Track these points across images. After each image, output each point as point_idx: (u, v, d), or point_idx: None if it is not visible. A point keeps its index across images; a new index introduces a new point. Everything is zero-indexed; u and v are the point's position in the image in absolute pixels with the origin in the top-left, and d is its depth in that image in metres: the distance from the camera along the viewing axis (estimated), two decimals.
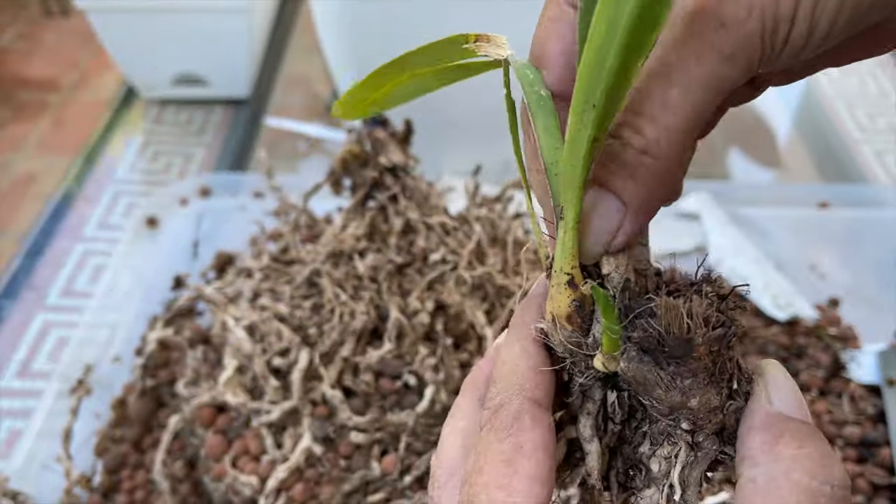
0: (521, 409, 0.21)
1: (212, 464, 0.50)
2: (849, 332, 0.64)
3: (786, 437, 0.18)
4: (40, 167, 1.05)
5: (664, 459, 0.21)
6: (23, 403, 0.67)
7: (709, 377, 0.19)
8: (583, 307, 0.21)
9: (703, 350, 0.19)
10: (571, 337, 0.21)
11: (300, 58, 1.12)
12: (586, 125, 0.18)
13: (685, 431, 0.20)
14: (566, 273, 0.21)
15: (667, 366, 0.19)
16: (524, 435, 0.21)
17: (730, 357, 0.20)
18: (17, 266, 0.79)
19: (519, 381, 0.22)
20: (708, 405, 0.19)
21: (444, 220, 0.55)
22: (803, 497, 0.17)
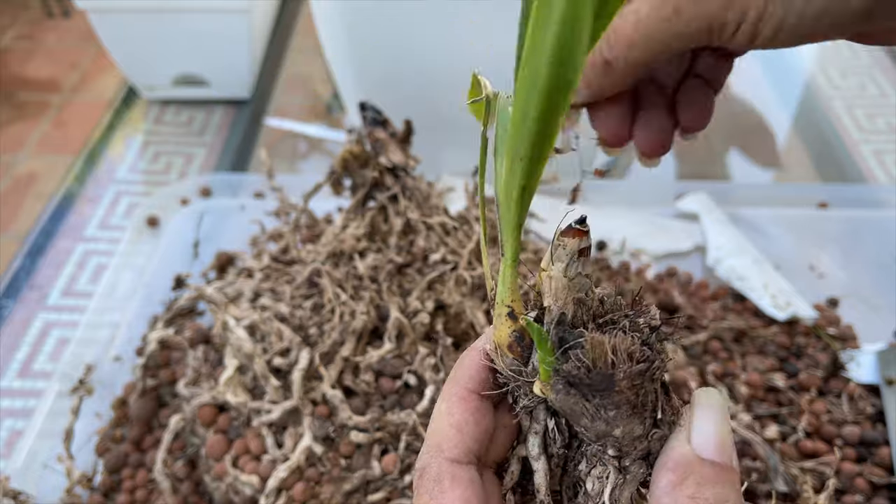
0: (440, 471, 0.22)
1: (212, 463, 0.50)
2: (848, 332, 0.64)
3: (688, 481, 0.19)
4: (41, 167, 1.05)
5: (597, 479, 0.22)
6: (24, 403, 0.67)
7: (631, 409, 0.20)
8: (522, 338, 0.22)
9: (625, 384, 0.20)
10: (512, 364, 0.23)
11: (301, 58, 1.12)
12: (516, 175, 0.20)
13: (612, 457, 0.21)
14: (507, 305, 0.23)
15: (592, 398, 0.20)
16: (444, 497, 0.22)
17: (654, 389, 0.21)
18: (18, 266, 0.79)
19: (437, 442, 0.23)
20: (631, 434, 0.21)
21: (444, 220, 0.56)
22: None
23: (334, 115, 1.03)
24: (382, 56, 0.75)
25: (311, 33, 0.92)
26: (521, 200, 0.20)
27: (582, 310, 0.22)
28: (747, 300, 0.67)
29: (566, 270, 0.22)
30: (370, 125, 0.55)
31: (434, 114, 0.77)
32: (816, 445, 0.54)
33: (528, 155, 0.19)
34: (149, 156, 0.97)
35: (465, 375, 0.24)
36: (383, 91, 0.74)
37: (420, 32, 0.71)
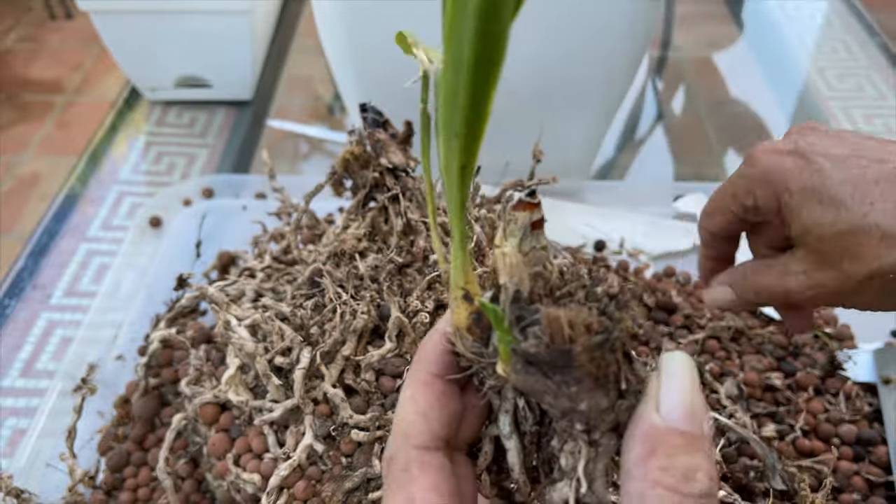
0: (408, 458, 0.22)
1: (214, 462, 0.50)
2: (845, 331, 0.64)
3: (658, 452, 0.19)
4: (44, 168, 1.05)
5: (570, 454, 0.21)
6: (27, 402, 0.68)
7: (594, 382, 0.19)
8: (480, 319, 0.22)
9: (585, 358, 0.19)
10: (473, 347, 0.22)
11: (302, 60, 1.13)
12: (454, 154, 0.19)
13: (581, 431, 0.21)
14: (461, 288, 0.22)
15: (552, 375, 0.20)
16: (414, 485, 0.21)
17: (616, 359, 0.20)
18: (21, 265, 0.80)
19: (404, 430, 0.22)
20: (598, 407, 0.20)
21: (445, 220, 0.56)
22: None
23: (335, 117, 1.03)
24: (382, 56, 0.75)
25: (312, 34, 0.93)
26: (461, 179, 0.20)
27: (539, 284, 0.21)
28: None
29: (520, 245, 0.21)
30: (371, 126, 0.55)
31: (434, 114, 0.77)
32: (814, 444, 0.55)
33: (462, 132, 0.18)
34: (151, 157, 0.97)
35: (427, 359, 0.23)
36: (383, 92, 0.74)
37: (420, 33, 0.71)
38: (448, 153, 0.19)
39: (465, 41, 0.16)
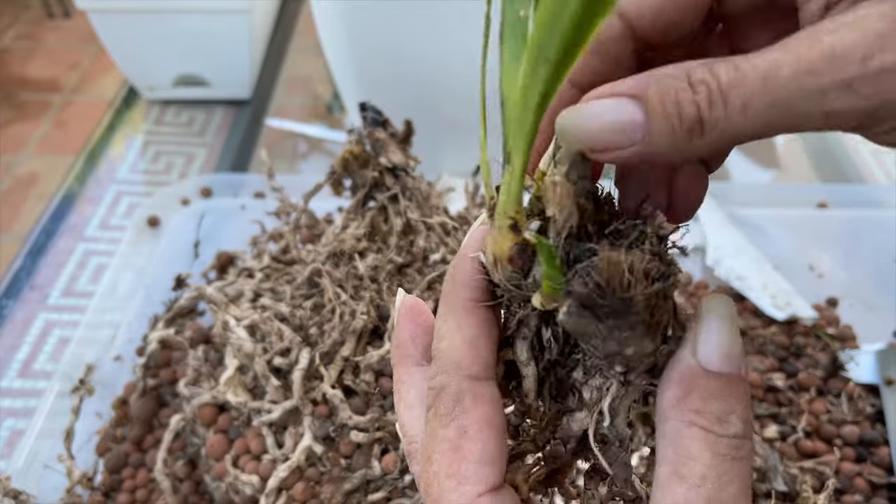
0: (461, 389, 0.21)
1: (213, 463, 0.50)
2: (847, 332, 0.64)
3: (693, 395, 0.19)
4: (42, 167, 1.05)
5: (595, 389, 0.21)
6: (24, 403, 0.67)
7: (646, 329, 0.19)
8: (524, 250, 0.21)
9: (642, 306, 0.19)
10: (511, 277, 0.21)
11: (301, 59, 1.12)
12: (539, 79, 0.18)
13: (618, 372, 0.21)
14: (509, 217, 0.21)
15: (605, 319, 0.19)
16: (467, 417, 0.21)
17: (667, 308, 0.20)
18: (18, 265, 0.79)
19: (455, 359, 0.22)
20: (642, 352, 0.20)
21: (444, 220, 0.56)
22: (703, 446, 0.19)
23: (334, 116, 1.03)
24: (382, 56, 0.75)
25: (311, 33, 0.92)
26: (539, 108, 0.18)
27: (585, 217, 0.20)
28: (747, 300, 0.67)
29: (568, 173, 0.20)
30: (370, 125, 0.55)
31: (434, 114, 0.77)
32: (816, 445, 0.54)
33: (555, 59, 0.17)
34: (149, 156, 0.97)
35: (465, 286, 0.22)
36: (383, 91, 0.74)
37: (420, 33, 0.71)
38: (530, 79, 0.18)
39: None
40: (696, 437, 0.19)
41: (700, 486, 0.18)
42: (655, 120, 0.18)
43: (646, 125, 0.18)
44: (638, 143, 0.19)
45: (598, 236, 0.20)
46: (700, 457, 0.19)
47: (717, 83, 0.18)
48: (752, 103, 0.17)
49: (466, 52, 0.73)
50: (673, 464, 0.19)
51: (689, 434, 0.19)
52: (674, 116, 0.18)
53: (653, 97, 0.18)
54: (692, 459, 0.19)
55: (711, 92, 0.18)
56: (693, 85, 0.18)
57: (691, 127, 0.18)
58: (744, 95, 0.17)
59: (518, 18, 0.20)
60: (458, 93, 0.77)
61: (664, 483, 0.19)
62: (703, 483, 0.18)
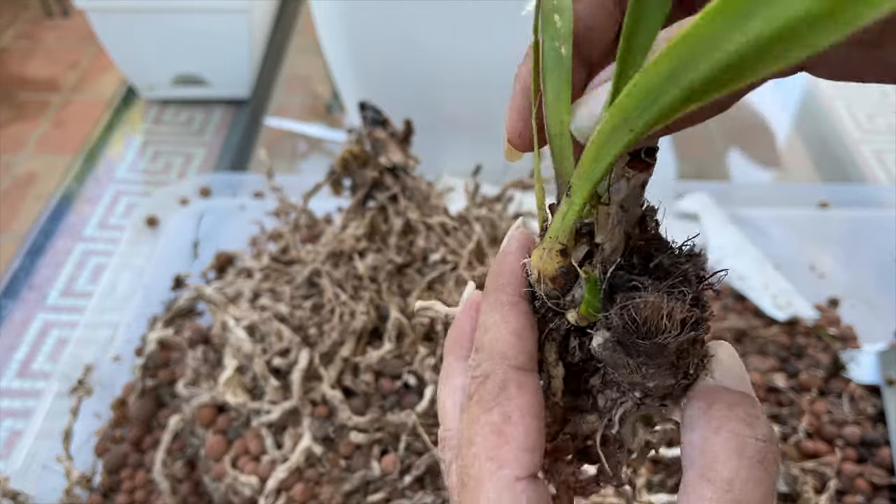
0: (506, 377, 0.22)
1: (212, 464, 0.50)
2: (848, 332, 0.64)
3: (718, 403, 0.20)
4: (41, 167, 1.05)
5: (610, 400, 0.22)
6: (23, 403, 0.67)
7: (672, 368, 0.21)
8: (568, 273, 0.22)
9: (673, 350, 0.20)
10: (552, 293, 0.22)
11: (300, 58, 1.12)
12: (616, 144, 0.18)
13: (636, 396, 0.22)
14: (561, 243, 0.22)
15: (636, 356, 0.20)
16: (511, 403, 0.21)
17: (694, 352, 0.21)
18: (17, 266, 0.79)
19: (501, 349, 0.22)
20: (663, 385, 0.21)
21: (444, 220, 0.55)
22: (731, 448, 0.19)
23: (334, 115, 1.03)
24: (382, 56, 0.75)
25: (310, 33, 0.92)
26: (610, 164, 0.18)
27: (631, 244, 0.21)
28: (748, 300, 0.67)
29: (624, 202, 0.21)
30: (370, 125, 0.55)
31: (434, 114, 0.77)
32: (817, 446, 0.54)
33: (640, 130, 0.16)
34: (148, 155, 0.97)
35: (509, 282, 0.23)
36: (383, 91, 0.74)
37: (420, 32, 0.71)
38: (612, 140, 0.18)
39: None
40: (724, 442, 0.20)
41: (728, 491, 0.19)
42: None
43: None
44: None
45: (643, 268, 0.21)
46: (728, 461, 0.19)
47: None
48: None
49: (466, 51, 0.73)
50: (701, 468, 0.20)
51: (717, 440, 0.20)
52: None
53: None
54: (720, 463, 0.19)
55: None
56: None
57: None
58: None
59: (559, 55, 0.20)
60: (458, 92, 0.77)
61: (691, 486, 0.20)
62: (731, 487, 0.19)
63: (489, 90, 0.77)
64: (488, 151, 0.72)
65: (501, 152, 0.25)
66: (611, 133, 0.18)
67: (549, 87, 0.21)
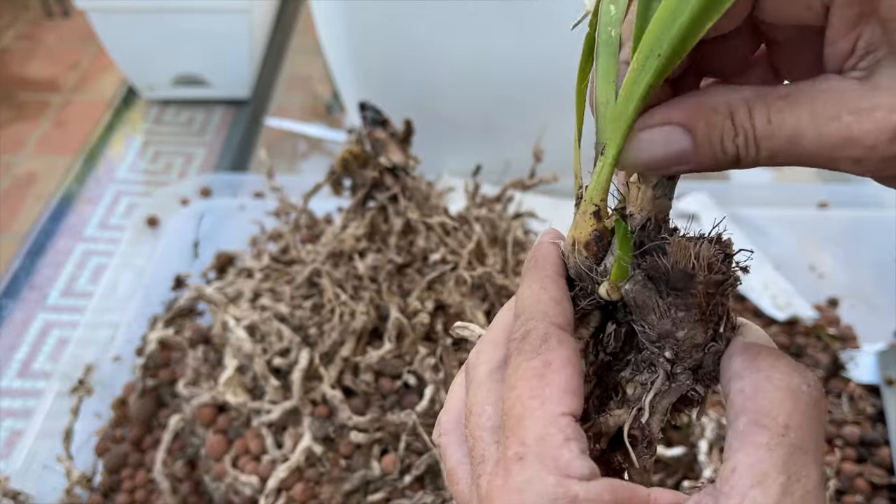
0: (548, 332, 0.23)
1: (212, 463, 0.50)
2: (848, 332, 0.64)
3: (763, 354, 0.21)
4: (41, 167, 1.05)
5: (640, 385, 0.23)
6: (23, 403, 0.67)
7: (700, 314, 0.21)
8: (602, 238, 0.23)
9: (702, 289, 0.21)
10: (585, 262, 0.23)
11: (301, 58, 1.12)
12: (647, 71, 0.20)
13: (666, 360, 0.22)
14: (594, 204, 0.23)
15: (666, 295, 0.21)
16: (552, 353, 0.22)
17: (722, 303, 0.22)
18: (17, 266, 0.79)
19: (542, 309, 0.23)
20: (693, 340, 0.22)
21: (444, 220, 0.56)
22: (785, 395, 0.20)
23: (334, 115, 1.03)
24: (382, 56, 0.75)
25: (311, 33, 0.92)
26: (643, 98, 0.21)
27: (660, 225, 0.23)
28: (747, 300, 0.67)
29: (654, 189, 0.23)
30: (370, 125, 0.55)
31: (434, 114, 0.77)
32: None
33: (667, 53, 0.19)
34: (148, 156, 0.97)
35: (547, 262, 0.25)
36: (383, 91, 0.74)
37: (420, 33, 0.71)
38: (640, 71, 0.20)
39: None
40: (778, 388, 0.20)
41: (784, 435, 0.19)
42: (702, 150, 0.21)
43: (694, 153, 0.21)
44: (686, 164, 0.22)
45: (671, 233, 0.23)
46: (783, 405, 0.20)
47: (752, 132, 0.21)
48: (778, 157, 0.21)
49: (466, 51, 0.73)
50: (754, 413, 0.20)
51: (769, 386, 0.20)
52: (718, 151, 0.21)
53: (700, 132, 0.21)
54: (775, 408, 0.20)
55: (748, 138, 0.21)
56: (735, 126, 0.21)
57: (731, 160, 0.21)
58: (772, 149, 0.21)
59: (610, 36, 0.22)
60: (458, 92, 0.77)
61: (744, 433, 0.20)
62: (787, 431, 0.19)
63: (489, 90, 0.77)
64: (488, 151, 0.72)
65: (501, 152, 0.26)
66: (642, 64, 0.20)
67: (600, 62, 0.22)
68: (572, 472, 0.20)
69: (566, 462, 0.20)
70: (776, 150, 0.20)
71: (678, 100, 0.22)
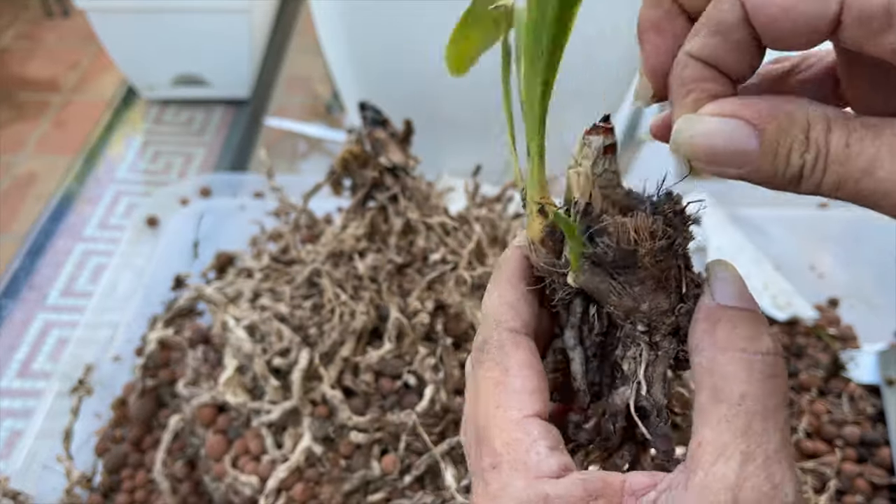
0: (502, 338, 0.24)
1: (212, 463, 0.50)
2: (848, 332, 0.64)
3: (721, 323, 0.21)
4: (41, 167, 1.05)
5: (632, 360, 0.23)
6: (23, 403, 0.67)
7: (656, 283, 0.22)
8: (554, 232, 0.24)
9: (648, 260, 0.21)
10: (546, 258, 0.24)
11: (300, 58, 1.12)
12: (537, 71, 0.21)
13: (642, 332, 0.23)
14: (536, 203, 0.24)
15: (617, 275, 0.22)
16: (509, 359, 0.23)
17: (677, 265, 0.22)
18: (17, 266, 0.79)
19: (495, 318, 0.24)
20: (658, 308, 0.22)
21: (444, 220, 0.56)
22: (739, 366, 0.20)
23: (334, 115, 1.03)
24: (382, 56, 0.75)
25: (310, 33, 0.92)
26: (543, 96, 0.22)
27: (608, 203, 0.23)
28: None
29: (593, 167, 0.23)
30: (370, 125, 0.55)
31: (434, 114, 0.77)
32: (817, 446, 0.54)
33: (548, 49, 0.20)
34: (148, 155, 0.97)
35: (508, 267, 0.25)
36: (383, 91, 0.74)
37: (420, 32, 0.71)
38: (531, 74, 0.21)
39: None
40: (731, 361, 0.20)
41: (740, 404, 0.20)
42: (766, 156, 0.19)
43: (756, 156, 0.19)
44: (742, 169, 0.20)
45: (616, 214, 0.23)
46: (737, 377, 0.20)
47: (826, 151, 0.19)
48: (845, 186, 0.19)
49: None
50: (711, 388, 0.20)
51: (724, 359, 0.20)
52: (782, 162, 0.19)
53: (769, 136, 0.19)
54: (730, 381, 0.20)
55: (819, 156, 0.19)
56: (809, 140, 0.19)
57: (792, 177, 0.19)
58: (841, 175, 0.19)
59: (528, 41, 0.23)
60: (457, 92, 0.76)
61: (705, 407, 0.20)
62: (743, 401, 0.20)
63: (489, 90, 0.77)
64: (488, 151, 0.72)
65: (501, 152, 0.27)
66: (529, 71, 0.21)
67: (521, 66, 0.23)
68: (542, 472, 0.21)
69: (535, 463, 0.21)
70: (845, 177, 0.19)
71: (755, 98, 0.20)
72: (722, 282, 0.22)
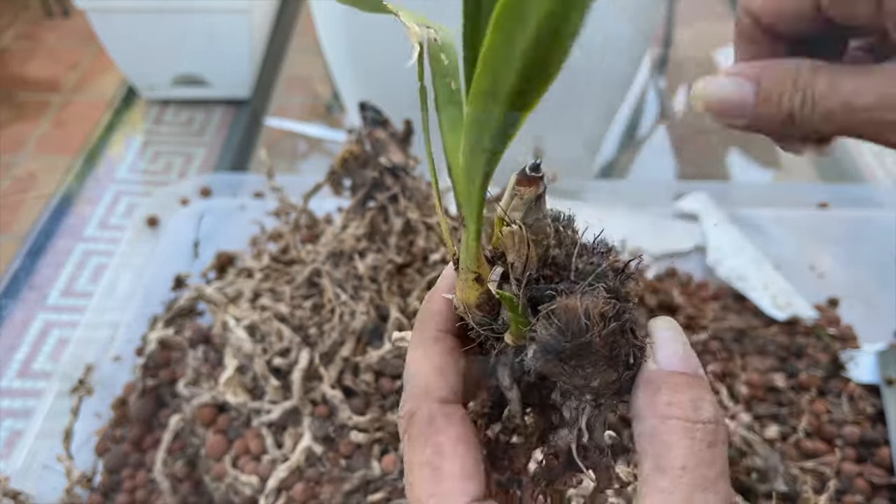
0: (431, 412, 0.22)
1: (212, 463, 0.50)
2: (848, 332, 0.64)
3: (662, 390, 0.21)
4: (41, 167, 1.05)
5: (573, 409, 0.23)
6: (23, 403, 0.67)
7: (607, 362, 0.21)
8: (491, 298, 0.22)
9: (600, 345, 0.20)
10: (482, 321, 0.23)
11: (300, 58, 1.12)
12: (479, 164, 0.20)
13: (589, 399, 0.22)
14: (472, 271, 0.22)
15: (569, 360, 0.21)
16: (440, 435, 0.22)
17: (626, 339, 0.21)
18: (17, 266, 0.79)
19: (423, 386, 0.23)
20: (608, 381, 0.21)
21: None
22: (679, 436, 0.20)
23: (334, 115, 1.03)
24: (382, 56, 0.75)
25: (310, 33, 0.92)
26: (483, 185, 0.21)
27: (547, 255, 0.22)
28: (747, 300, 0.67)
29: (524, 218, 0.22)
30: (370, 125, 0.55)
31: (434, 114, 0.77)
32: (816, 445, 0.54)
33: (491, 149, 0.19)
34: (148, 156, 0.97)
35: (434, 318, 0.24)
36: (383, 91, 0.74)
37: None
38: (471, 163, 0.20)
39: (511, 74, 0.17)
40: (672, 430, 0.20)
41: (682, 476, 0.19)
42: (761, 103, 0.24)
43: (754, 105, 0.24)
44: (747, 116, 0.24)
45: (560, 276, 0.22)
46: (678, 446, 0.20)
47: (812, 91, 0.23)
48: (832, 117, 0.23)
49: None
50: (654, 458, 0.20)
51: (665, 428, 0.20)
52: (774, 105, 0.24)
53: (765, 85, 0.24)
54: (671, 451, 0.20)
55: (806, 96, 0.23)
56: (796, 84, 0.23)
57: (785, 117, 0.24)
58: (827, 108, 0.23)
59: (450, 90, 0.22)
60: None
61: (648, 478, 0.20)
62: (685, 473, 0.20)
63: None
64: None
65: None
66: (470, 160, 0.20)
67: (443, 119, 0.22)
68: None
69: None
70: (831, 109, 0.23)
71: (760, 62, 0.25)
72: (664, 343, 0.22)
